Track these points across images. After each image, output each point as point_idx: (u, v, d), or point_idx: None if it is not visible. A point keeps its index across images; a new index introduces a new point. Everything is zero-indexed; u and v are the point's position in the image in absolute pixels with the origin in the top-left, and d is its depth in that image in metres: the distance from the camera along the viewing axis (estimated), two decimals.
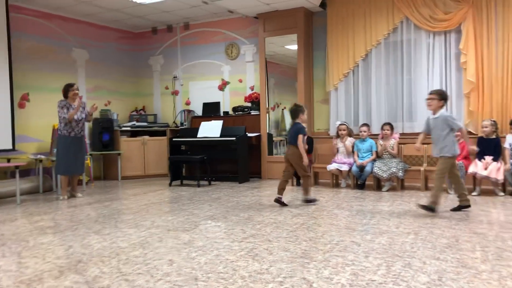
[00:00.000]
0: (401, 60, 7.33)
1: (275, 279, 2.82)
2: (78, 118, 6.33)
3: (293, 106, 5.64)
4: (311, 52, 8.13)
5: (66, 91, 6.36)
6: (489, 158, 5.85)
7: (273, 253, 3.38)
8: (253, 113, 8.43)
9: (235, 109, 8.66)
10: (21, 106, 7.63)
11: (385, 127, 6.69)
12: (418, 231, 3.97)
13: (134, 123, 9.10)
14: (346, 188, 6.82)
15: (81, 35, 8.74)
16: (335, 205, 5.38)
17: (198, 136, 8.13)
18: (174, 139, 8.35)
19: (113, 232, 4.27)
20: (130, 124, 9.07)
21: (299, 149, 5.36)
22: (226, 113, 8.83)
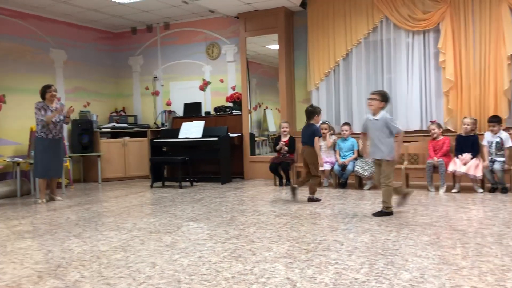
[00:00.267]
0: (381, 59, 7.40)
1: (258, 279, 2.80)
2: (56, 120, 6.22)
3: (309, 107, 5.73)
4: (292, 52, 8.15)
5: (44, 92, 6.24)
6: (467, 155, 5.94)
7: (256, 254, 3.37)
8: (235, 113, 8.42)
9: (216, 109, 8.62)
10: None
11: None
12: (399, 229, 4.01)
13: (114, 124, 8.99)
14: (328, 187, 6.85)
15: (59, 35, 8.59)
16: (317, 204, 5.39)
17: (179, 137, 8.08)
18: (155, 140, 8.28)
19: (93, 235, 4.20)
20: (110, 125, 8.96)
21: (315, 150, 5.52)
22: (207, 113, 8.79)
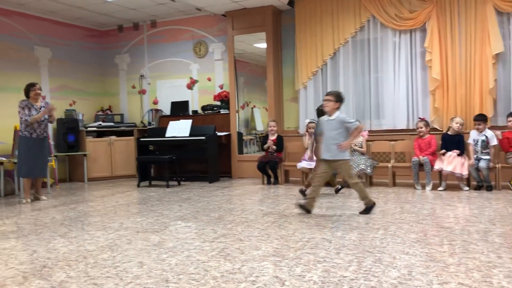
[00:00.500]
0: (368, 58, 7.43)
1: (247, 278, 2.79)
2: (40, 119, 6.13)
3: (319, 106, 5.77)
4: (280, 51, 8.14)
5: (28, 91, 6.16)
6: (453, 153, 5.99)
7: (244, 253, 3.35)
8: (222, 112, 8.39)
9: (204, 108, 8.59)
10: None
11: None
12: (387, 227, 4.03)
13: (100, 123, 8.90)
14: None
15: (44, 33, 8.47)
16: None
17: (166, 136, 8.03)
18: (141, 139, 8.21)
19: (79, 235, 4.14)
20: (96, 124, 8.87)
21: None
22: (195, 112, 8.75)
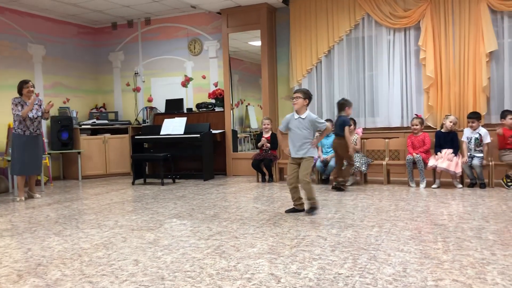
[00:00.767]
0: (362, 56, 7.45)
1: (243, 275, 2.80)
2: (33, 116, 6.11)
3: (340, 100, 6.18)
4: (275, 48, 8.14)
5: (21, 88, 6.13)
6: (449, 151, 6.03)
7: (240, 250, 3.36)
8: (217, 109, 8.38)
9: (198, 105, 8.57)
10: None
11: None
12: (382, 224, 4.05)
13: (94, 121, 8.86)
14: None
15: (37, 30, 8.41)
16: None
17: (161, 134, 8.01)
18: (136, 137, 8.19)
19: (74, 233, 4.13)
20: (90, 122, 8.83)
21: (346, 140, 5.87)
22: (189, 109, 8.73)
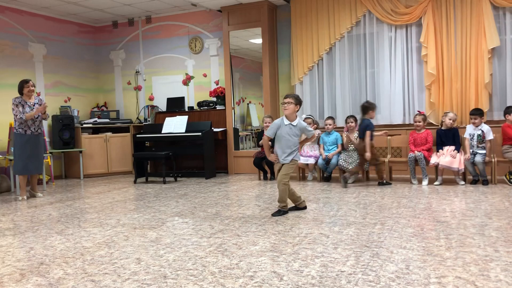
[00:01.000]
0: (364, 53, 7.43)
1: (245, 273, 2.79)
2: (34, 116, 6.10)
3: (364, 103, 6.28)
4: (276, 46, 8.13)
5: (21, 87, 6.13)
6: (451, 148, 6.01)
7: (242, 248, 3.35)
8: (218, 107, 8.37)
9: (200, 104, 8.56)
10: None
11: (349, 120, 6.75)
12: (384, 221, 4.04)
13: (96, 119, 8.86)
14: (313, 181, 6.87)
15: (38, 29, 8.41)
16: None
17: (162, 132, 8.01)
18: (137, 135, 8.19)
19: (76, 232, 4.13)
20: (91, 120, 8.83)
21: (363, 143, 6.05)
22: (191, 108, 8.73)
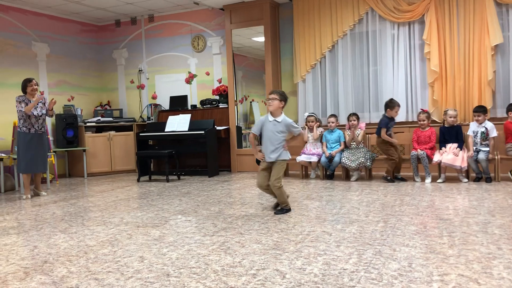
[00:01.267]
0: (366, 51, 7.42)
1: (248, 271, 2.80)
2: (38, 114, 6.13)
3: (388, 100, 6.43)
4: (278, 44, 8.12)
5: (25, 86, 6.16)
6: (453, 145, 6.00)
7: (245, 246, 3.36)
8: (221, 106, 8.38)
9: (203, 102, 8.57)
10: None
11: (351, 118, 6.74)
12: (387, 219, 4.04)
13: (99, 118, 8.88)
14: (316, 179, 6.88)
15: (41, 28, 8.43)
16: (305, 196, 5.41)
17: (165, 131, 8.02)
18: (141, 134, 8.21)
19: (80, 230, 4.15)
20: (95, 119, 8.85)
21: (382, 139, 6.26)
22: (194, 106, 8.74)
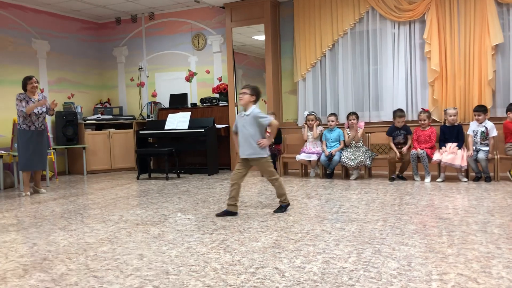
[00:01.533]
0: (367, 50, 7.41)
1: (247, 270, 2.80)
2: (38, 111, 6.13)
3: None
4: (279, 43, 8.11)
5: (25, 84, 6.17)
6: (453, 145, 6.00)
7: (244, 244, 3.36)
8: (221, 104, 8.38)
9: (203, 100, 8.57)
10: None
11: (350, 117, 6.74)
12: (386, 218, 4.04)
13: (99, 116, 8.89)
14: (315, 178, 6.88)
15: (41, 26, 8.42)
16: (304, 195, 5.41)
17: (165, 129, 8.02)
18: (140, 131, 8.21)
19: (79, 227, 4.15)
20: (94, 117, 8.85)
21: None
22: (193, 104, 8.73)
